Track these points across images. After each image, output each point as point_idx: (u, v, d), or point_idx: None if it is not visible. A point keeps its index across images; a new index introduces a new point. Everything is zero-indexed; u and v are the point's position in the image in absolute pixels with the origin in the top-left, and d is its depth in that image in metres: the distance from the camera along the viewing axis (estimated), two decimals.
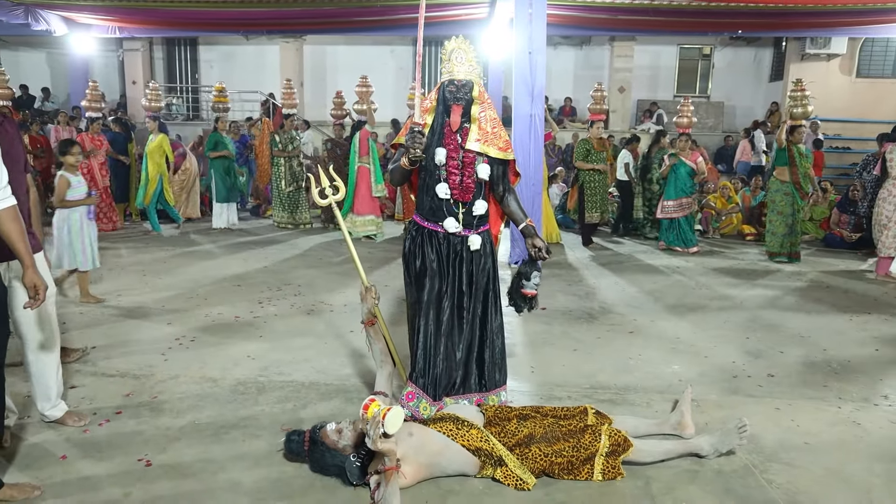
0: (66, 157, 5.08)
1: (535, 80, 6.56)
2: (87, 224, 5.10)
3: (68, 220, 5.03)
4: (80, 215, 5.07)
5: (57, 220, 5.04)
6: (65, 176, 5.04)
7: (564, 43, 15.64)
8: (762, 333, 4.91)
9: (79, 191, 5.08)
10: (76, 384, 3.71)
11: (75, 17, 12.47)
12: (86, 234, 5.10)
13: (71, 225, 5.04)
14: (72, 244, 5.05)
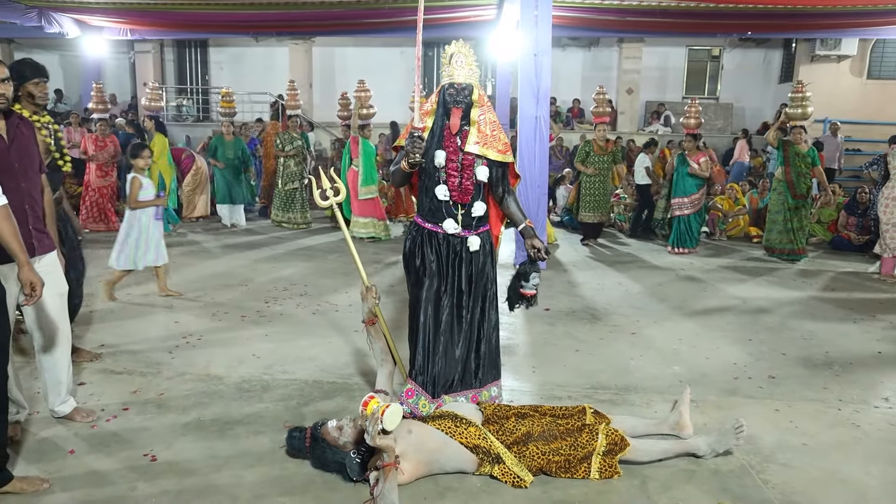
0: (136, 161, 5.27)
1: (540, 82, 6.60)
2: (153, 224, 5.30)
3: (139, 221, 5.21)
4: (149, 216, 5.26)
5: (126, 221, 5.23)
6: (137, 178, 5.22)
7: (573, 44, 15.66)
8: (765, 335, 4.92)
9: (149, 192, 5.27)
10: (85, 381, 3.78)
11: (88, 20, 12.62)
12: (151, 234, 5.29)
13: (140, 226, 5.22)
14: (137, 245, 5.22)
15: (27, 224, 2.87)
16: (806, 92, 7.41)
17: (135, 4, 11.24)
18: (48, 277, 3.02)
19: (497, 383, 3.37)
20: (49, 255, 3.02)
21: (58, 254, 3.11)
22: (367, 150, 8.40)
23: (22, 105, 3.47)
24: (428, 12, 12.23)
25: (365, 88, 8.66)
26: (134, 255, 5.22)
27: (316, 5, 11.17)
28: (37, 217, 2.93)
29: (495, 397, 3.35)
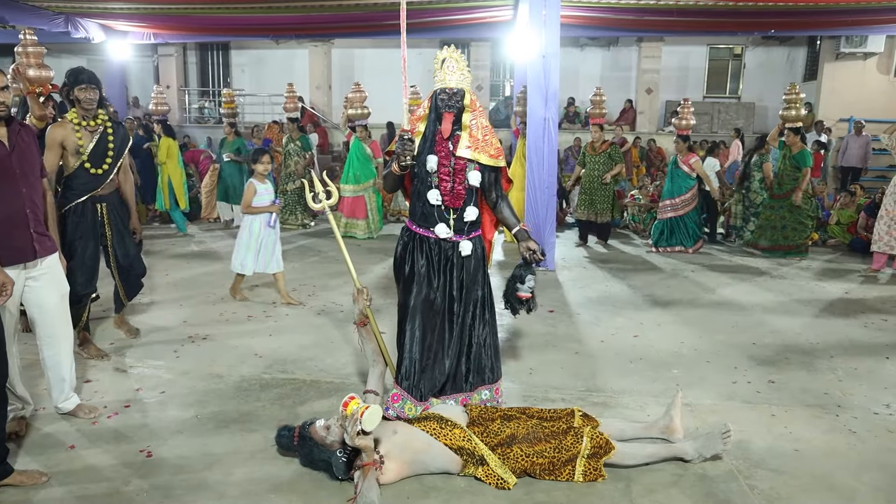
0: (256, 166, 5.34)
1: (549, 84, 6.60)
2: (266, 231, 5.35)
3: (250, 225, 5.32)
4: (261, 222, 5.32)
5: (242, 225, 5.41)
6: (253, 183, 5.30)
7: (591, 44, 15.58)
8: (770, 339, 4.87)
9: (264, 198, 5.33)
10: (91, 378, 3.90)
11: (113, 25, 12.91)
12: (265, 241, 5.34)
13: (252, 231, 5.31)
14: (248, 249, 5.33)
15: (28, 227, 2.98)
16: (800, 94, 7.58)
17: (158, 9, 11.48)
18: (50, 279, 3.15)
19: (489, 387, 3.37)
20: (50, 258, 3.12)
21: (59, 256, 3.21)
22: (356, 149, 8.47)
23: (74, 109, 3.97)
24: (445, 13, 12.29)
25: (360, 90, 8.73)
26: (243, 259, 5.34)
27: (334, 8, 11.30)
28: (38, 220, 3.03)
29: (486, 400, 3.37)
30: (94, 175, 4.04)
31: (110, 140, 4.08)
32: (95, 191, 4.06)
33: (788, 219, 7.75)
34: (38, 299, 3.12)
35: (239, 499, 2.70)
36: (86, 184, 4.03)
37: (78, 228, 4.02)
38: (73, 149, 3.96)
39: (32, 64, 4.70)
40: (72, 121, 3.98)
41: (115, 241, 4.22)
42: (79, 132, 3.96)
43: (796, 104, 7.54)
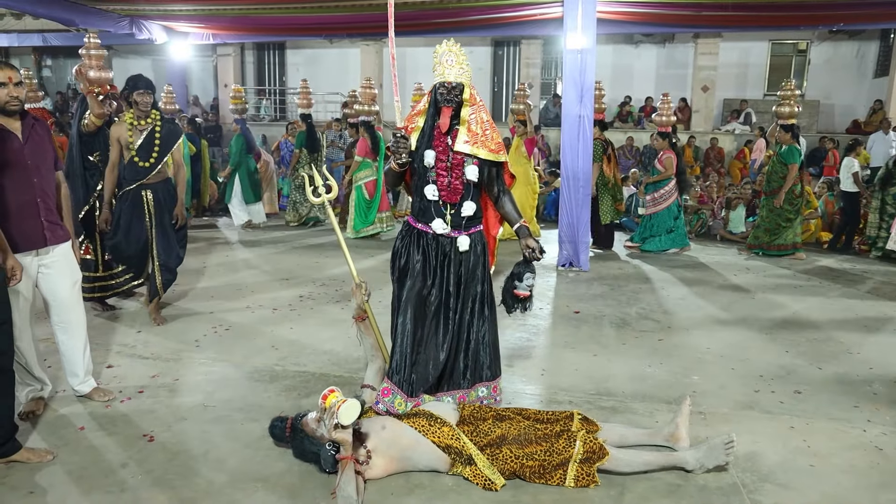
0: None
1: (584, 81, 6.46)
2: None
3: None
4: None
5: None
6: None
7: (646, 41, 15.18)
8: (806, 346, 4.62)
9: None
10: (113, 364, 4.05)
11: (174, 26, 13.40)
12: None
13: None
14: None
15: (39, 216, 3.11)
16: (796, 90, 7.50)
17: (217, 10, 11.86)
18: (62, 266, 3.28)
19: (487, 384, 3.32)
20: (62, 246, 3.25)
21: (72, 244, 3.34)
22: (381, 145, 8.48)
23: (132, 110, 4.59)
24: (495, 11, 12.20)
25: (370, 86, 8.70)
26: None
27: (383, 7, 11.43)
28: (49, 210, 3.16)
29: (483, 398, 3.32)
30: (142, 167, 4.61)
31: (157, 136, 4.63)
32: (143, 180, 4.63)
33: (784, 218, 7.61)
34: (51, 286, 3.25)
35: (225, 487, 2.74)
36: (135, 174, 4.62)
37: (126, 210, 4.66)
38: (125, 144, 4.59)
39: (94, 65, 4.95)
40: (127, 120, 4.60)
41: (157, 231, 4.70)
42: (130, 130, 4.58)
43: (791, 101, 7.50)
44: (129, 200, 4.65)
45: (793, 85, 7.58)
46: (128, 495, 2.67)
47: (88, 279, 4.94)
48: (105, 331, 4.65)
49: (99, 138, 4.97)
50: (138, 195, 4.64)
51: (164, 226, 4.72)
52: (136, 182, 4.62)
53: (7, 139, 3.04)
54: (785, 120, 7.52)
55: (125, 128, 4.57)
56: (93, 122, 4.85)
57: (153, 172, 4.63)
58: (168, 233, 4.75)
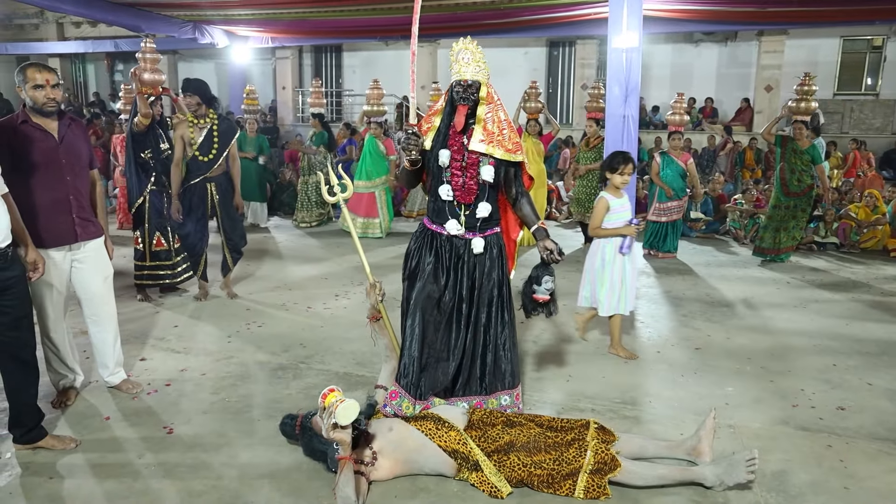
0: (613, 176, 4.11)
1: (629, 80, 6.28)
2: (619, 259, 4.12)
3: (602, 251, 4.16)
4: (614, 248, 4.11)
5: (591, 249, 4.28)
6: (605, 198, 4.11)
7: (707, 39, 14.67)
8: (857, 360, 4.35)
9: (619, 216, 4.10)
10: (146, 357, 4.18)
11: (235, 30, 13.83)
12: (617, 273, 4.14)
13: (604, 257, 4.16)
14: (594, 281, 4.21)
15: (70, 213, 3.23)
16: (812, 85, 7.09)
17: (275, 14, 12.17)
18: (94, 262, 3.40)
19: (510, 392, 3.24)
20: (94, 241, 3.37)
21: (105, 240, 3.46)
22: (370, 145, 8.39)
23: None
24: (546, 11, 12.04)
25: (378, 87, 8.65)
26: (594, 292, 4.23)
27: (440, 8, 11.43)
28: (81, 207, 3.28)
29: (507, 406, 3.24)
30: (203, 161, 5.07)
31: (215, 134, 5.09)
32: (206, 173, 5.10)
33: (800, 218, 7.30)
34: (83, 280, 3.37)
35: (233, 481, 2.78)
36: (198, 168, 5.09)
37: (195, 202, 5.13)
38: (188, 141, 5.05)
39: (148, 68, 5.25)
40: (188, 119, 5.08)
41: (223, 216, 5.29)
42: (191, 128, 5.05)
43: (806, 96, 7.13)
44: (196, 193, 5.13)
45: (810, 80, 7.22)
46: (140, 484, 2.74)
47: (136, 267, 5.35)
48: (144, 325, 4.80)
49: (149, 137, 5.20)
50: (203, 188, 5.14)
51: (228, 213, 5.29)
52: (200, 175, 5.10)
53: (43, 138, 3.17)
54: (802, 116, 7.23)
55: (186, 126, 5.05)
56: (141, 122, 5.10)
57: (214, 166, 5.10)
58: (233, 217, 5.35)
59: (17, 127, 3.13)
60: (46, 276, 3.21)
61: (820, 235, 8.42)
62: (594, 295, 4.26)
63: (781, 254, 7.38)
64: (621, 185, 4.12)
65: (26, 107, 3.17)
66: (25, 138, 3.12)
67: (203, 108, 5.06)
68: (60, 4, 10.43)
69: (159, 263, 5.33)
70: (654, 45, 14.05)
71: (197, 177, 5.10)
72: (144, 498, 2.65)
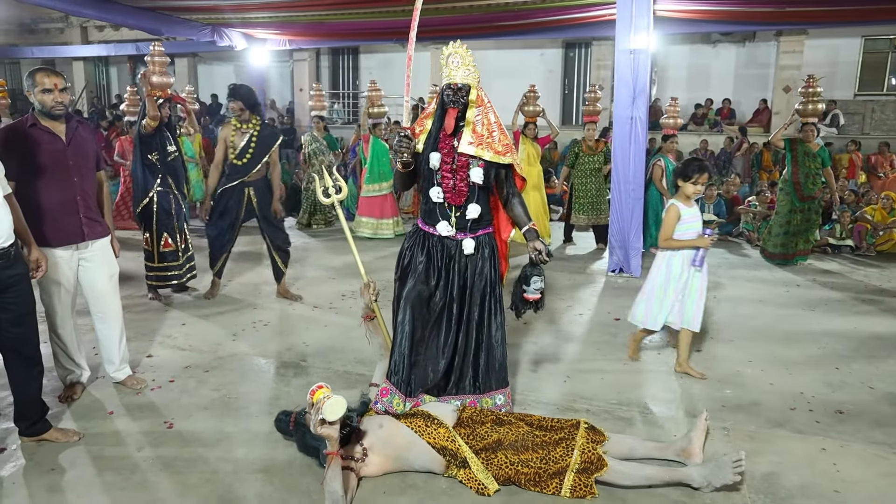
0: (686, 185, 3.82)
1: (636, 81, 6.26)
2: (688, 273, 3.88)
3: (668, 265, 3.91)
4: (683, 261, 3.87)
5: (655, 262, 4.01)
6: (675, 206, 3.83)
7: (725, 40, 14.53)
8: (860, 364, 4.30)
9: (690, 227, 3.84)
10: (153, 354, 4.28)
11: (253, 33, 14.01)
12: (687, 288, 3.89)
13: (670, 272, 3.91)
14: (652, 298, 3.98)
15: (77, 213, 3.33)
16: (818, 87, 7.02)
17: (293, 17, 12.32)
18: (100, 260, 3.50)
19: (503, 391, 3.28)
20: (100, 241, 3.47)
21: (111, 240, 3.56)
22: (376, 148, 8.38)
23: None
24: (561, 12, 12.02)
25: (376, 88, 8.67)
26: (650, 309, 3.98)
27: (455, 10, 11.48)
28: (88, 207, 3.37)
29: (501, 406, 3.27)
30: (239, 165, 5.16)
31: (254, 139, 5.16)
32: (243, 177, 5.17)
33: (814, 221, 7.34)
34: (89, 279, 3.47)
35: (228, 475, 2.85)
36: (236, 172, 5.18)
37: (227, 203, 5.22)
38: (229, 144, 5.17)
39: (157, 71, 5.31)
40: (232, 123, 5.19)
41: (263, 221, 5.35)
42: (234, 133, 5.16)
43: (814, 98, 7.06)
44: (232, 196, 5.21)
45: (815, 83, 7.15)
46: (137, 477, 2.82)
47: (147, 267, 5.42)
48: (153, 323, 4.91)
49: (156, 139, 5.28)
50: (241, 191, 5.21)
51: (267, 218, 5.34)
52: (237, 179, 5.17)
53: (52, 141, 3.27)
54: (810, 118, 7.18)
55: (230, 130, 5.17)
56: (149, 124, 5.17)
57: (251, 171, 5.17)
58: (272, 222, 5.39)
59: (27, 130, 3.23)
60: (54, 274, 3.33)
61: (835, 238, 8.33)
62: (649, 312, 4.01)
63: (795, 257, 7.34)
64: (693, 195, 3.90)
65: (35, 110, 3.27)
66: (34, 141, 3.22)
67: (247, 113, 5.14)
68: (82, 9, 10.63)
69: (167, 265, 5.41)
70: (670, 47, 13.96)
71: (234, 180, 5.17)
72: (140, 490, 2.73)
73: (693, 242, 3.84)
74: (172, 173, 5.36)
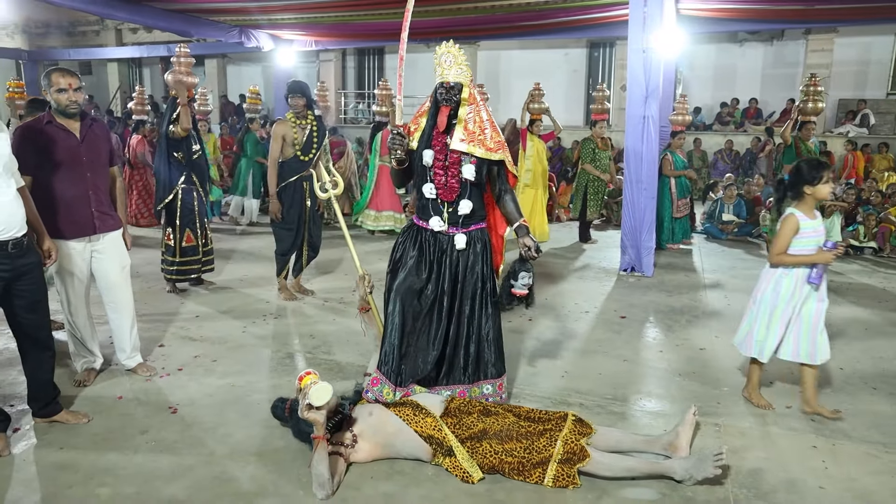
0: (816, 189, 3.32)
1: (649, 81, 6.26)
2: (805, 293, 3.38)
3: (777, 284, 3.42)
4: (797, 281, 3.37)
5: (762, 281, 3.52)
6: (794, 216, 3.33)
7: (752, 39, 14.33)
8: (867, 364, 4.27)
9: (811, 242, 3.33)
10: (165, 344, 4.44)
11: (280, 34, 14.26)
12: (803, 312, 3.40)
13: (778, 291, 3.41)
14: (760, 320, 3.49)
15: (89, 206, 3.48)
16: (819, 86, 7.16)
17: (319, 18, 12.52)
18: (112, 252, 3.65)
19: (493, 382, 3.35)
20: (112, 234, 3.62)
21: (123, 233, 3.71)
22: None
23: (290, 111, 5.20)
24: (584, 12, 12.01)
25: (387, 88, 8.88)
26: (759, 334, 3.50)
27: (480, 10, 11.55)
28: (99, 202, 3.53)
29: (489, 395, 3.35)
30: (304, 161, 5.22)
31: (315, 134, 5.25)
32: (303, 172, 5.21)
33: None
34: (102, 270, 3.63)
35: (223, 458, 2.97)
36: (298, 167, 5.22)
37: (295, 202, 5.26)
38: (290, 141, 5.17)
39: (183, 71, 5.48)
40: (289, 119, 5.20)
41: (310, 215, 5.39)
42: (294, 129, 5.17)
43: (815, 97, 7.21)
44: (295, 191, 5.25)
45: (816, 81, 7.30)
46: (138, 458, 2.96)
47: (167, 262, 5.59)
48: (168, 315, 5.08)
49: (182, 143, 5.45)
50: (300, 187, 5.26)
51: (313, 212, 5.42)
52: (297, 175, 5.22)
53: (66, 138, 3.44)
54: (809, 117, 7.34)
55: (289, 126, 5.16)
56: (178, 133, 5.38)
57: (312, 165, 5.22)
58: (316, 218, 5.48)
59: (43, 127, 3.40)
60: (68, 265, 3.50)
61: (858, 240, 8.19)
62: (752, 337, 3.54)
63: None
64: (824, 198, 3.46)
65: (51, 109, 3.44)
66: (50, 138, 3.39)
67: (305, 109, 5.22)
68: (115, 12, 10.93)
69: (187, 259, 5.60)
70: (696, 46, 13.80)
71: (293, 176, 5.22)
72: (140, 469, 2.86)
73: (811, 258, 3.33)
74: (197, 171, 5.54)
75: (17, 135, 3.37)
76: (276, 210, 5.24)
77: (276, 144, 5.17)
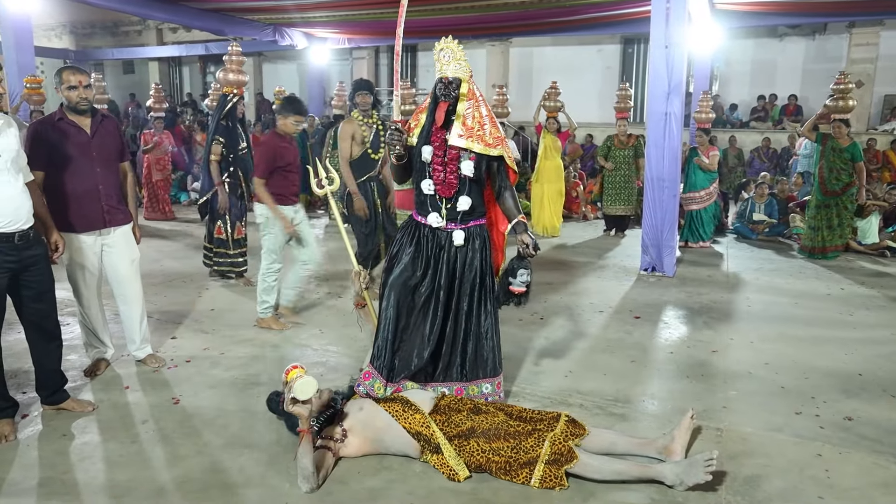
0: None
1: (671, 77, 6.12)
2: None
3: None
4: None
5: None
6: None
7: (792, 33, 13.88)
8: (888, 372, 4.10)
9: None
10: (177, 336, 4.54)
11: (313, 32, 14.43)
12: None
13: None
14: None
15: (99, 201, 3.58)
16: (849, 84, 6.99)
17: (351, 16, 12.63)
18: (122, 246, 3.75)
19: (491, 380, 3.33)
20: (122, 228, 3.71)
21: (133, 227, 3.80)
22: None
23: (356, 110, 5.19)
24: (616, 7, 11.84)
25: (408, 87, 8.78)
26: None
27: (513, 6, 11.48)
28: (109, 196, 3.62)
29: (488, 394, 3.33)
30: (374, 160, 5.21)
31: (382, 132, 5.21)
32: (371, 172, 5.22)
33: (844, 216, 7.31)
34: (112, 263, 3.73)
35: (217, 449, 3.02)
36: (368, 166, 5.20)
37: (364, 197, 5.18)
38: (360, 140, 5.13)
39: (234, 69, 5.62)
40: (356, 118, 5.19)
41: (385, 214, 5.35)
42: (363, 127, 5.15)
43: (845, 95, 7.08)
44: (366, 192, 5.20)
45: (847, 79, 7.18)
46: (136, 446, 3.03)
47: (220, 255, 5.81)
48: (184, 307, 5.19)
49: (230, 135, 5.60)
50: (368, 187, 5.23)
51: (387, 212, 5.37)
52: (366, 174, 5.20)
53: (77, 134, 3.53)
54: (841, 114, 7.19)
55: (356, 125, 5.14)
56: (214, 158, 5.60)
57: (379, 164, 5.23)
58: (391, 216, 5.42)
59: (55, 124, 3.50)
60: (79, 258, 3.60)
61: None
62: None
63: (828, 252, 7.33)
64: None
65: (63, 105, 3.54)
66: (61, 134, 3.49)
67: (371, 107, 5.22)
68: (152, 12, 11.23)
69: (219, 251, 5.81)
70: (733, 41, 13.45)
71: (363, 175, 5.18)
72: (135, 458, 2.94)
73: None
74: (242, 167, 5.67)
75: (29, 131, 3.49)
76: (361, 206, 5.14)
77: (346, 144, 5.11)
